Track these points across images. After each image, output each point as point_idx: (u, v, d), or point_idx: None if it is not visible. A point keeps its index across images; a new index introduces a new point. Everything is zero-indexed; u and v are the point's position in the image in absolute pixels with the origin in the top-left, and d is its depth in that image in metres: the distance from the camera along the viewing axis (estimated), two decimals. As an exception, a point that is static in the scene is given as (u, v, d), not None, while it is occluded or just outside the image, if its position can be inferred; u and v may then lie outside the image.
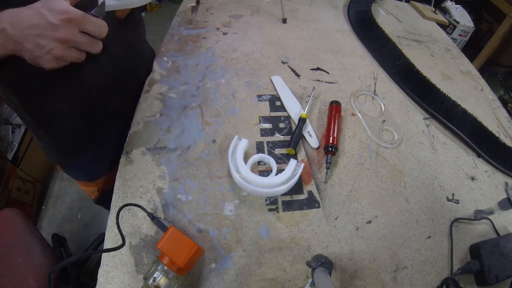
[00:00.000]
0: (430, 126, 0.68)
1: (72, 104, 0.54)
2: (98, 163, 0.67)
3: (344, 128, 0.64)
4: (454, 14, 1.67)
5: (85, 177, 0.69)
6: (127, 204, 0.44)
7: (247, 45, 0.78)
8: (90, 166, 0.67)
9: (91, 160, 0.65)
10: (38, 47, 0.38)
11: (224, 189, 0.51)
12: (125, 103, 0.63)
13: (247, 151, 0.57)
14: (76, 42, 0.39)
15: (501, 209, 0.57)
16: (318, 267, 0.39)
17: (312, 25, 0.91)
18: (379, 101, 0.71)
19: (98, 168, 0.68)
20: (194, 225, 0.47)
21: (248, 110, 0.63)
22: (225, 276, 0.43)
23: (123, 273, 0.42)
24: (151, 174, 0.51)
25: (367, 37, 0.88)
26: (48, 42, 0.38)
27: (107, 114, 0.62)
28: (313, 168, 0.57)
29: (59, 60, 0.40)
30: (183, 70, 0.69)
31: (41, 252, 0.68)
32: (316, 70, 0.76)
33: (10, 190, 1.21)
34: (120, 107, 0.64)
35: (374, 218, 0.52)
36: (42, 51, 0.38)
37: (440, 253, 0.50)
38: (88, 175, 0.68)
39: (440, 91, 0.75)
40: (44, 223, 1.35)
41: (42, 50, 0.38)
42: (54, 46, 0.38)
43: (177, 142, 0.56)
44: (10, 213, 0.74)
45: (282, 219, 0.49)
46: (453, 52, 0.93)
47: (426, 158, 0.62)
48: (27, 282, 0.63)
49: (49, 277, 0.38)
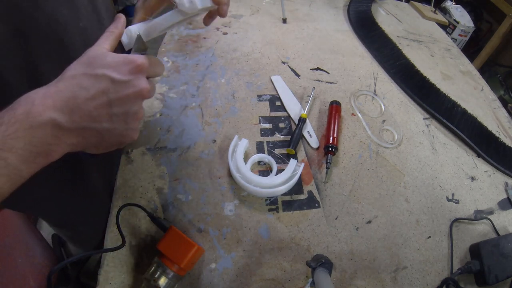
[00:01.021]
0: (430, 126, 0.68)
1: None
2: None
3: (344, 128, 0.64)
4: (454, 14, 1.67)
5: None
6: (127, 204, 0.44)
7: (247, 45, 0.78)
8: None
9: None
10: (118, 119, 0.28)
11: (224, 189, 0.51)
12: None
13: (247, 151, 0.57)
14: (152, 92, 0.31)
15: (501, 209, 0.57)
16: (318, 267, 0.39)
17: (312, 25, 0.91)
18: (379, 101, 0.71)
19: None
20: (194, 225, 0.47)
21: (248, 110, 0.63)
22: (225, 276, 0.43)
23: (123, 273, 0.42)
24: (151, 174, 0.51)
25: (367, 37, 0.88)
26: (129, 104, 0.29)
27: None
28: (313, 168, 0.57)
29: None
30: (183, 70, 0.69)
31: (41, 252, 0.68)
32: (316, 70, 0.76)
33: (10, 190, 1.21)
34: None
35: (374, 218, 0.52)
36: (127, 121, 0.29)
37: (440, 253, 0.50)
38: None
39: (440, 91, 0.75)
40: (44, 223, 1.35)
41: (127, 119, 0.29)
42: (136, 106, 0.29)
43: (177, 142, 0.56)
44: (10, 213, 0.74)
45: (282, 219, 0.49)
46: (453, 52, 0.93)
47: (426, 158, 0.62)
48: (27, 282, 0.63)
49: (49, 277, 0.38)
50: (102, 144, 0.30)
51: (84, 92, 0.27)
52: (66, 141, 0.27)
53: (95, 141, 0.29)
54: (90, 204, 0.51)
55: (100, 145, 0.30)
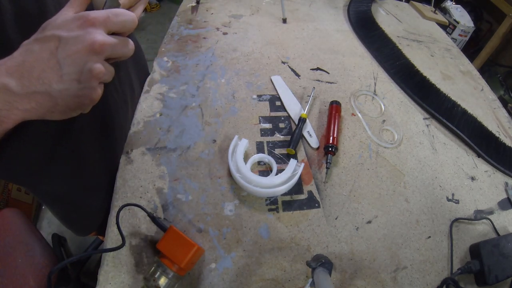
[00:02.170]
0: (430, 126, 0.68)
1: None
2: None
3: (344, 128, 0.64)
4: (454, 14, 1.67)
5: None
6: (127, 204, 0.44)
7: (247, 45, 0.78)
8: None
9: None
10: (70, 78, 0.27)
11: (224, 189, 0.51)
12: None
13: (247, 151, 0.57)
14: (111, 46, 0.29)
15: (501, 209, 0.57)
16: (318, 267, 0.39)
17: (312, 25, 0.91)
18: (379, 101, 0.71)
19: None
20: (194, 225, 0.47)
21: (248, 110, 0.63)
22: (225, 276, 0.43)
23: (123, 273, 0.42)
24: (151, 174, 0.51)
25: (367, 37, 0.88)
26: (80, 61, 0.27)
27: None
28: (313, 168, 0.57)
29: (101, 82, 0.29)
30: (183, 70, 0.69)
31: (41, 252, 0.68)
32: (316, 70, 0.76)
33: (10, 190, 1.21)
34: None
35: (374, 218, 0.52)
36: (80, 80, 0.27)
37: (440, 253, 0.50)
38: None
39: (440, 91, 0.75)
40: (44, 223, 1.35)
41: (81, 77, 0.27)
42: (90, 62, 0.27)
43: (177, 142, 0.56)
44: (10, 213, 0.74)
45: (282, 219, 0.49)
46: (453, 52, 0.93)
47: (426, 158, 0.62)
48: (27, 282, 0.63)
49: (49, 277, 0.38)
50: (57, 108, 0.28)
51: (33, 55, 0.26)
52: (18, 107, 0.26)
53: (49, 106, 0.28)
54: (87, 178, 0.50)
55: (55, 109, 0.28)
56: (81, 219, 0.59)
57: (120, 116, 0.54)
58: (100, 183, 0.53)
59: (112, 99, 0.51)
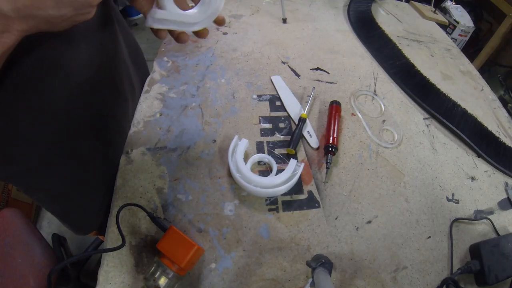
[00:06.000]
0: (430, 126, 0.68)
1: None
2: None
3: (344, 128, 0.64)
4: (454, 14, 1.67)
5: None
6: (127, 204, 0.44)
7: (247, 45, 0.78)
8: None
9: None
10: (64, 5, 0.27)
11: (224, 189, 0.51)
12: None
13: (247, 151, 0.57)
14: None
15: (501, 209, 0.57)
16: (318, 267, 0.39)
17: (312, 25, 0.91)
18: (379, 101, 0.71)
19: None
20: (194, 225, 0.47)
21: (248, 110, 0.63)
22: (225, 276, 0.43)
23: (123, 273, 0.42)
24: (151, 174, 0.51)
25: (367, 37, 0.88)
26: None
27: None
28: (313, 168, 0.57)
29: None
30: (183, 70, 0.69)
31: (41, 252, 0.68)
32: (316, 70, 0.76)
33: (10, 190, 1.21)
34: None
35: (374, 218, 0.52)
36: (76, 8, 0.27)
37: (440, 253, 0.50)
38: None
39: (440, 91, 0.75)
40: (44, 223, 1.35)
41: (74, 4, 0.27)
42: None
43: (177, 142, 0.56)
44: (10, 213, 0.74)
45: (282, 219, 0.49)
46: (453, 52, 0.94)
47: (426, 158, 0.62)
48: (27, 282, 0.63)
49: (49, 277, 0.38)
50: (55, 26, 0.29)
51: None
52: (17, 28, 0.27)
53: (46, 27, 0.28)
54: (86, 177, 0.50)
55: (53, 27, 0.29)
56: (81, 218, 0.59)
57: (119, 115, 0.54)
58: (99, 183, 0.53)
59: (112, 98, 0.51)
